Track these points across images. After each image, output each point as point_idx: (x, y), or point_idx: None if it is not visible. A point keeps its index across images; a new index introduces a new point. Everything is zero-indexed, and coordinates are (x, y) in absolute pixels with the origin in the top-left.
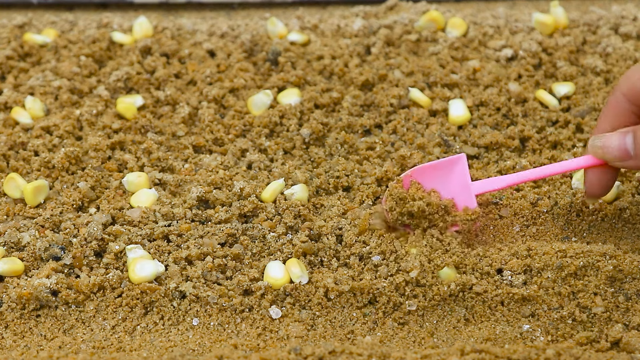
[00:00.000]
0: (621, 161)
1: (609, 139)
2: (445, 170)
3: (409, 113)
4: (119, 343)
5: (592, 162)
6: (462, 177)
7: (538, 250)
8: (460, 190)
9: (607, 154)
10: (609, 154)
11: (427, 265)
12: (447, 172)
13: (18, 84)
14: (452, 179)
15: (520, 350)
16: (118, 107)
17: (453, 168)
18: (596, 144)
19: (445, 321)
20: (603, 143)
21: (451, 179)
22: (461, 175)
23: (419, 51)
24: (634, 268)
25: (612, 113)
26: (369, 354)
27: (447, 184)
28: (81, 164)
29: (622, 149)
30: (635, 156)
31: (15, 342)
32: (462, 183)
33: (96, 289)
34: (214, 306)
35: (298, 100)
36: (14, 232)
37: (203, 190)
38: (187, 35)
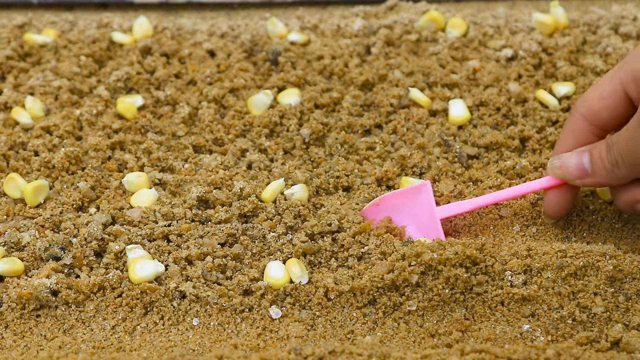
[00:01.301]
0: (580, 179)
1: (567, 159)
2: (411, 197)
3: (409, 113)
4: (119, 343)
5: (552, 183)
6: (427, 203)
7: (538, 250)
8: (426, 217)
9: (566, 173)
10: (568, 174)
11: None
12: (413, 199)
13: (18, 84)
14: (418, 206)
15: (520, 350)
16: (118, 107)
17: (419, 195)
18: (555, 164)
19: (445, 321)
20: (561, 163)
21: (417, 205)
22: (427, 202)
23: (419, 51)
24: (634, 268)
25: (572, 134)
26: (369, 354)
27: (414, 210)
28: (81, 164)
29: (580, 167)
30: (592, 174)
31: (15, 342)
32: (428, 209)
33: (96, 289)
34: (214, 306)
35: (298, 100)
36: (14, 232)
37: (203, 190)
38: (187, 35)
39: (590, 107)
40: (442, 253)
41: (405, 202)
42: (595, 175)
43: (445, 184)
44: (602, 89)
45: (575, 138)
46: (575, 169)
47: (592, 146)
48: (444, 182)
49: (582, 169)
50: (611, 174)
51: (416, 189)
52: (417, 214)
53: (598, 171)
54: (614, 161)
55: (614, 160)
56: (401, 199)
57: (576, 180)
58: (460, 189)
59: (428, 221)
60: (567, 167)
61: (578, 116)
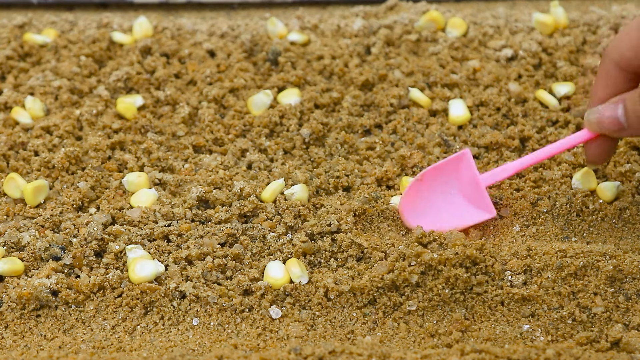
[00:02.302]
0: (616, 133)
1: (602, 113)
2: (453, 168)
3: (409, 113)
4: (119, 343)
5: (590, 136)
6: (471, 172)
7: (538, 250)
8: (471, 186)
9: (603, 128)
10: (604, 128)
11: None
12: (455, 170)
13: (18, 84)
14: (462, 176)
15: (520, 350)
16: (118, 107)
17: (461, 165)
18: (591, 119)
19: (445, 321)
20: (597, 118)
21: (461, 175)
22: (470, 171)
23: (419, 51)
24: (634, 268)
25: (606, 83)
26: (369, 354)
27: (458, 180)
28: (81, 164)
29: (615, 121)
30: (629, 127)
31: (15, 342)
32: (472, 178)
33: (96, 289)
34: (214, 306)
35: (298, 100)
36: (14, 232)
37: (203, 190)
38: (187, 35)
39: (621, 55)
40: (442, 253)
41: (448, 174)
42: (632, 127)
43: None
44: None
45: (610, 87)
46: (611, 123)
47: (626, 96)
48: None
49: (617, 122)
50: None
51: (457, 159)
52: (462, 184)
53: (633, 123)
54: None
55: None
56: (443, 171)
57: (614, 134)
58: None
59: (474, 190)
60: (603, 122)
61: (610, 65)
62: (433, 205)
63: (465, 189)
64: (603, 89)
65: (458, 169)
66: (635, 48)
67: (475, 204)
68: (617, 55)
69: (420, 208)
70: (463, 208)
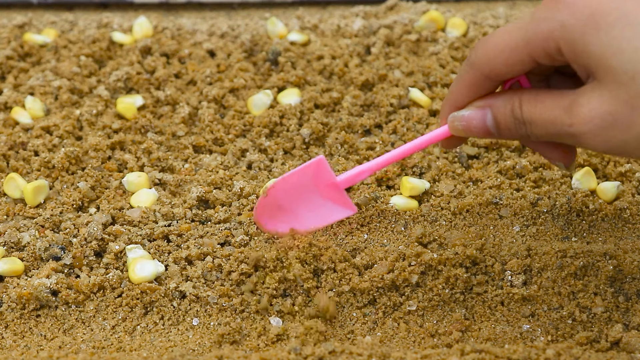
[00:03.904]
0: (485, 137)
1: (469, 120)
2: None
3: (409, 113)
4: (119, 343)
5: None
6: (327, 176)
7: (538, 250)
8: (330, 190)
9: (469, 133)
10: (473, 134)
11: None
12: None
13: (18, 84)
14: (318, 181)
15: (520, 350)
16: (118, 107)
17: (316, 171)
18: (457, 126)
19: (445, 321)
20: (464, 125)
21: (317, 180)
22: (326, 175)
23: (419, 51)
24: (634, 268)
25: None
26: (369, 354)
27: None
28: (81, 164)
29: (484, 128)
30: (498, 134)
31: (15, 342)
32: (330, 182)
33: (96, 289)
34: (214, 306)
35: (298, 100)
36: (14, 232)
37: (203, 190)
38: (187, 35)
39: (492, 68)
40: (442, 253)
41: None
42: (501, 135)
43: (445, 184)
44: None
45: (472, 91)
46: (479, 130)
47: (494, 104)
48: (444, 182)
49: (486, 130)
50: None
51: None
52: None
53: (504, 132)
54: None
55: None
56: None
57: (481, 138)
58: (460, 189)
59: (333, 192)
60: (470, 130)
61: (478, 74)
62: (288, 209)
63: (325, 192)
64: (465, 92)
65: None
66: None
67: (336, 203)
68: (488, 69)
69: (275, 213)
70: (323, 208)
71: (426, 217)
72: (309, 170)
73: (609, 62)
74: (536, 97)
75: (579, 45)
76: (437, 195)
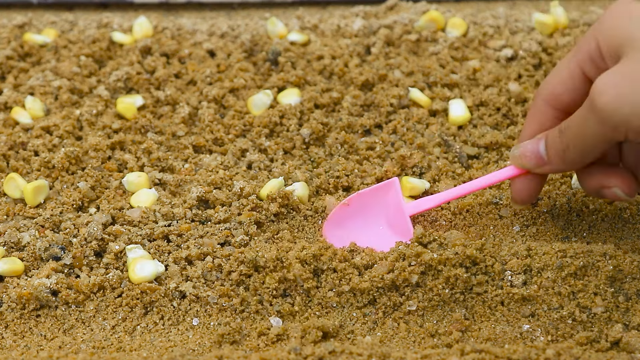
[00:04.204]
0: (538, 167)
1: (525, 147)
2: (381, 195)
3: (409, 113)
4: (119, 343)
5: (516, 172)
6: (396, 200)
7: (538, 250)
8: (395, 213)
9: (525, 162)
10: (527, 162)
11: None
12: (383, 196)
13: (18, 84)
14: (388, 203)
15: (520, 350)
16: (118, 107)
17: (388, 191)
18: (515, 154)
19: (445, 321)
20: (520, 152)
21: (387, 202)
22: (395, 198)
23: (419, 51)
24: (634, 268)
25: (535, 120)
26: (369, 354)
27: (384, 207)
28: (81, 164)
29: (537, 155)
30: (548, 161)
31: (15, 342)
32: (397, 206)
33: (96, 289)
34: (214, 306)
35: (298, 100)
36: (14, 232)
37: (203, 190)
38: (187, 35)
39: (551, 91)
40: (442, 253)
41: (375, 200)
42: (551, 162)
43: (445, 184)
44: (561, 72)
45: (539, 124)
46: (533, 157)
47: (549, 132)
48: (444, 182)
49: (539, 156)
50: (564, 159)
51: (386, 185)
52: (387, 211)
53: (552, 158)
54: (566, 145)
55: (565, 144)
56: (371, 197)
57: (535, 168)
58: None
59: (398, 218)
60: (525, 156)
61: (540, 101)
62: (352, 232)
63: (390, 216)
64: (532, 126)
65: (385, 196)
66: (564, 83)
67: (397, 230)
68: (547, 93)
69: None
70: (384, 237)
71: (426, 217)
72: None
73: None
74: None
75: (613, 33)
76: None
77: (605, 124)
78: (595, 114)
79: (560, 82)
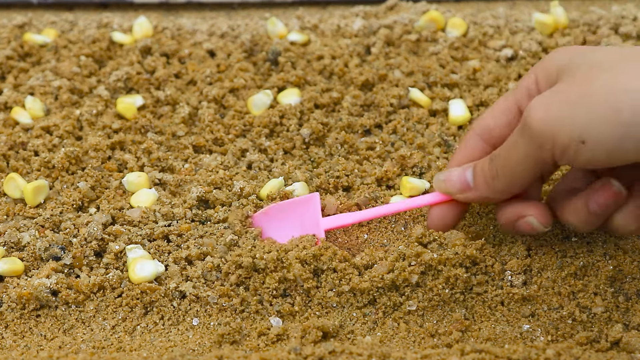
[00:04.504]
0: (462, 193)
1: (451, 173)
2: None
3: (409, 113)
4: (119, 343)
5: (439, 199)
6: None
7: (538, 251)
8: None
9: (450, 187)
10: (451, 187)
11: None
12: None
13: (18, 84)
14: (306, 216)
15: (520, 350)
16: (118, 107)
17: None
18: (439, 179)
19: (445, 321)
20: (445, 177)
21: (305, 215)
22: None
23: (419, 51)
24: (634, 268)
25: (465, 151)
26: (369, 354)
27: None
28: (81, 164)
29: (462, 181)
30: (474, 187)
31: (15, 342)
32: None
33: (96, 289)
34: (214, 306)
35: (298, 100)
36: (14, 232)
37: (203, 190)
38: (187, 35)
39: (484, 125)
40: (442, 253)
41: (294, 211)
42: (477, 188)
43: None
44: (496, 107)
45: (467, 155)
46: (458, 182)
47: (477, 162)
48: None
49: (464, 182)
50: (491, 186)
51: (305, 200)
52: (304, 223)
53: (479, 184)
54: (494, 173)
55: (494, 171)
56: (291, 208)
57: (459, 194)
58: None
59: (314, 231)
60: (450, 181)
61: (472, 134)
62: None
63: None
64: (460, 156)
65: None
66: (497, 117)
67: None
68: (480, 126)
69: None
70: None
71: (426, 217)
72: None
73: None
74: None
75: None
76: None
77: (534, 141)
78: (525, 132)
79: (494, 116)
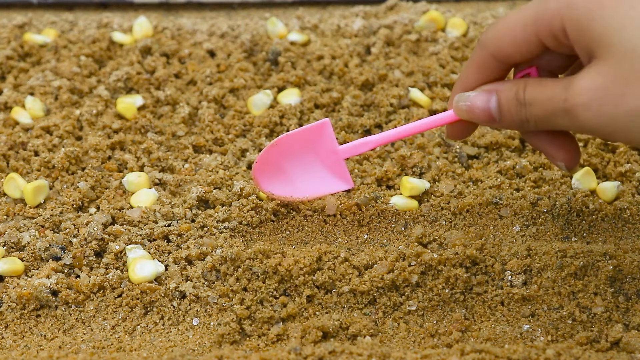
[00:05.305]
0: (486, 124)
1: (473, 102)
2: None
3: (409, 113)
4: (119, 343)
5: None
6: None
7: (538, 250)
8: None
9: (473, 117)
10: (474, 117)
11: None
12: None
13: (18, 84)
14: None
15: (520, 350)
16: (118, 107)
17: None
18: (461, 106)
19: (445, 321)
20: (467, 106)
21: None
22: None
23: (419, 51)
24: (634, 268)
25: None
26: (369, 354)
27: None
28: (81, 164)
29: (487, 113)
30: (500, 121)
31: (15, 342)
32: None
33: (96, 289)
34: (214, 306)
35: (298, 100)
36: (14, 232)
37: (203, 190)
38: (187, 35)
39: (501, 48)
40: (442, 253)
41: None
42: (504, 124)
43: (445, 184)
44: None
45: (482, 75)
46: (482, 114)
47: (500, 87)
48: (444, 182)
49: (489, 114)
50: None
51: (317, 127)
52: (321, 154)
53: (507, 122)
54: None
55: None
56: (301, 139)
57: (483, 124)
58: (460, 189)
59: (333, 161)
60: (474, 112)
61: (486, 53)
62: (287, 172)
63: (325, 159)
64: (474, 76)
65: (317, 138)
66: (518, 46)
67: (334, 174)
68: (496, 49)
69: (273, 174)
70: (320, 177)
71: (426, 217)
72: (313, 131)
73: (610, 39)
74: (540, 81)
75: (583, 23)
76: (437, 195)
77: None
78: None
79: (513, 44)
